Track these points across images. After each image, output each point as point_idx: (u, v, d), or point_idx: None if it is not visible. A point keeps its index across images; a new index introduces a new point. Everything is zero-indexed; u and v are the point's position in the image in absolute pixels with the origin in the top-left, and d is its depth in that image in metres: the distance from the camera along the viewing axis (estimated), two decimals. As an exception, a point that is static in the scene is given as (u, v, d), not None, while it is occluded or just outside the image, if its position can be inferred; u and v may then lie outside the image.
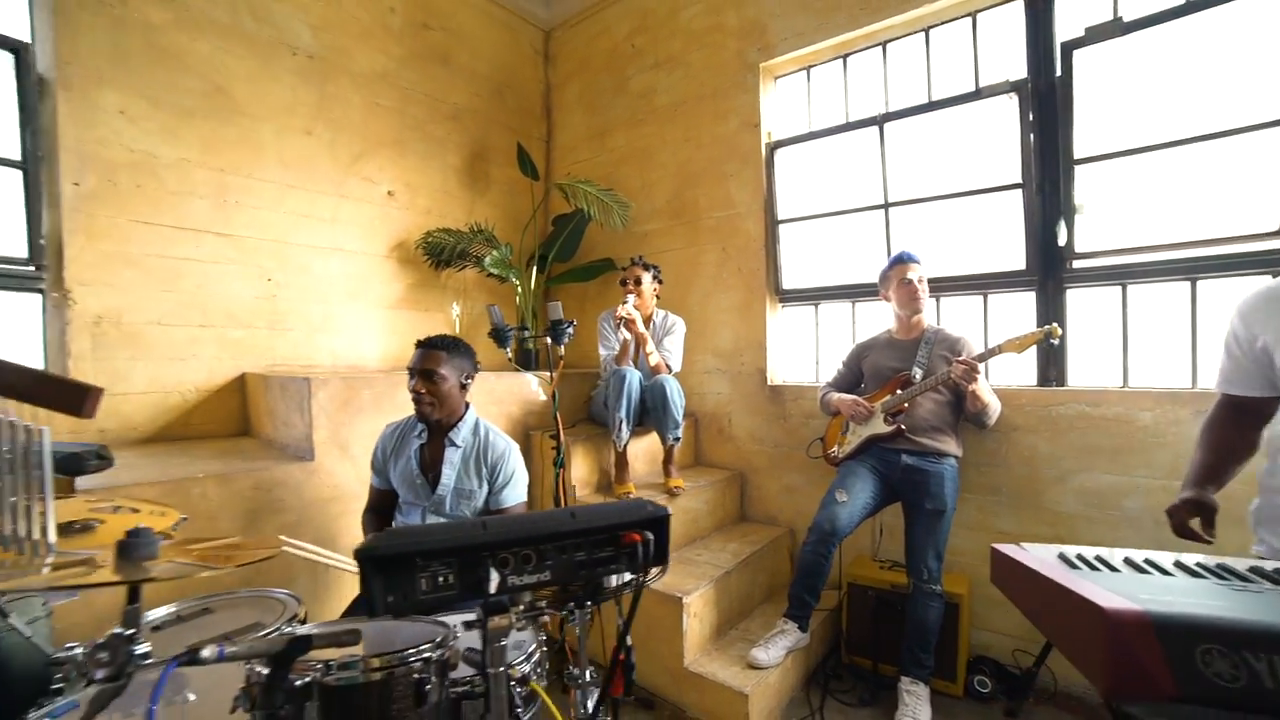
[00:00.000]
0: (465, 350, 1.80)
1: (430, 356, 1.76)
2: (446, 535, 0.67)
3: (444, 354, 1.76)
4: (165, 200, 2.63)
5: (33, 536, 0.74)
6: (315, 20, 3.12)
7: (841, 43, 3.00)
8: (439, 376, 1.75)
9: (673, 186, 3.61)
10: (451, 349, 1.78)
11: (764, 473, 3.30)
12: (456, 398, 1.77)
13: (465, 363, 1.79)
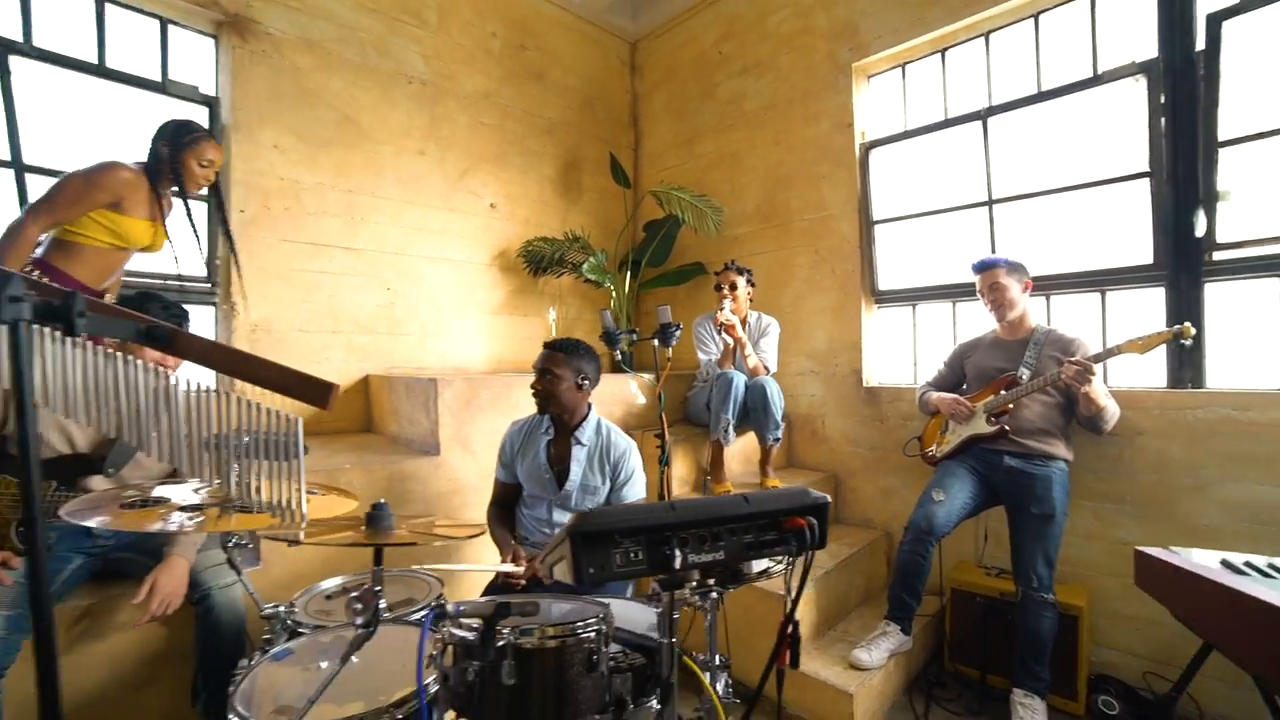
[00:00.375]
0: (585, 354, 1.92)
1: (549, 357, 1.91)
2: (642, 515, 0.76)
3: (561, 355, 1.90)
4: (305, 221, 2.94)
5: (291, 505, 0.90)
6: (427, 50, 3.38)
7: (940, 37, 2.93)
8: (553, 376, 1.89)
9: (763, 190, 3.64)
10: (570, 352, 1.92)
11: (859, 475, 3.26)
12: (572, 397, 1.89)
13: (584, 365, 1.91)
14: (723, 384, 2.74)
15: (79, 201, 1.90)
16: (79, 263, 1.95)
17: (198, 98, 2.63)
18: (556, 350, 1.91)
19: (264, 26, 2.84)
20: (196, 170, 2.08)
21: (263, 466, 0.91)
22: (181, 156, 2.05)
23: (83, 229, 1.94)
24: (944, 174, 3.01)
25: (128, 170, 1.97)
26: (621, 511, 0.76)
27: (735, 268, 3.00)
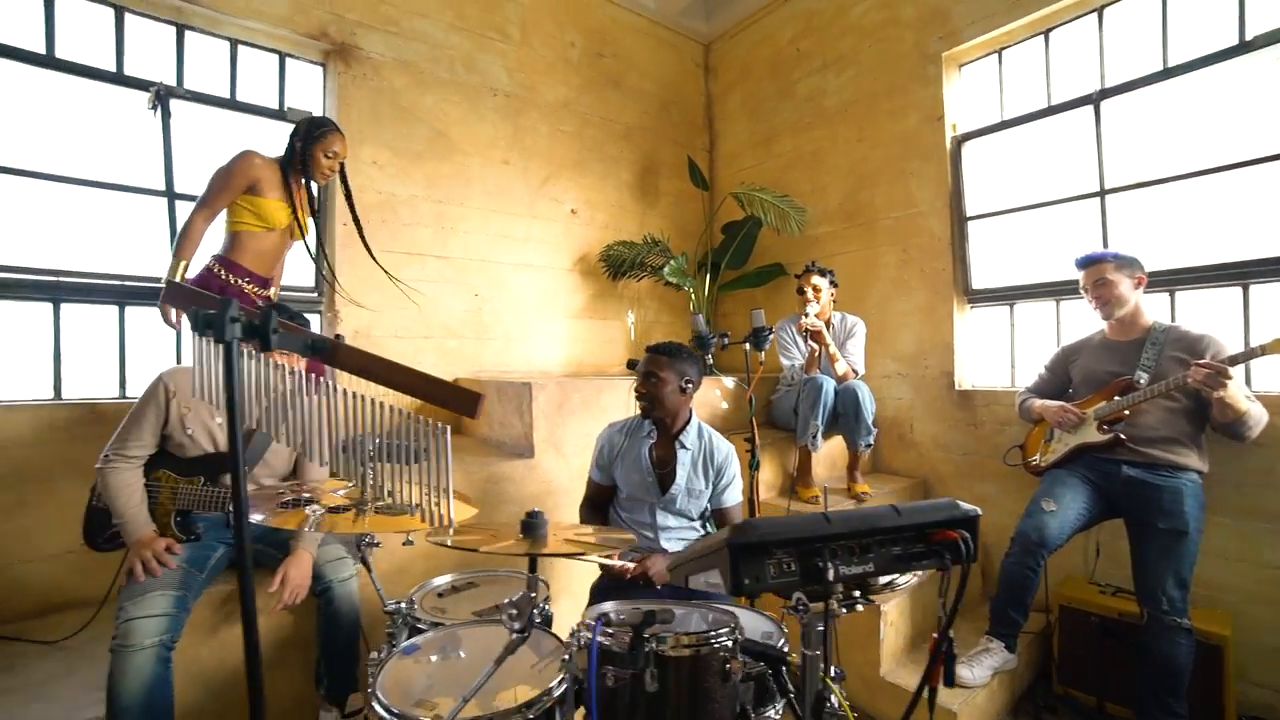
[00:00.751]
0: (687, 357, 1.92)
1: (653, 360, 1.91)
2: (798, 527, 0.75)
3: (665, 358, 1.89)
4: (400, 232, 3.10)
5: (441, 511, 0.95)
6: (511, 63, 3.50)
7: (1043, 18, 2.76)
8: (658, 379, 1.88)
9: (845, 188, 3.54)
10: (674, 355, 1.91)
11: (951, 482, 3.12)
12: (675, 400, 1.89)
13: (687, 368, 1.90)
14: (811, 389, 2.68)
15: (224, 190, 2.14)
16: (243, 251, 2.21)
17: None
18: (660, 353, 1.91)
19: (365, 52, 3.01)
20: (323, 161, 2.29)
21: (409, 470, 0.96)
22: (311, 149, 2.27)
23: (236, 217, 2.20)
24: (1047, 164, 2.84)
25: (259, 157, 2.20)
26: (777, 524, 0.75)
27: (817, 269, 2.93)
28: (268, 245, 2.27)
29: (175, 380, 1.82)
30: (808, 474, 2.81)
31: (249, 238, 2.21)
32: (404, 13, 3.15)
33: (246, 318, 0.77)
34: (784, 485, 2.93)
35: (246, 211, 2.20)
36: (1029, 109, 2.86)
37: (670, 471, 1.91)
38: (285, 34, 2.82)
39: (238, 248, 2.21)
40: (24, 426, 2.24)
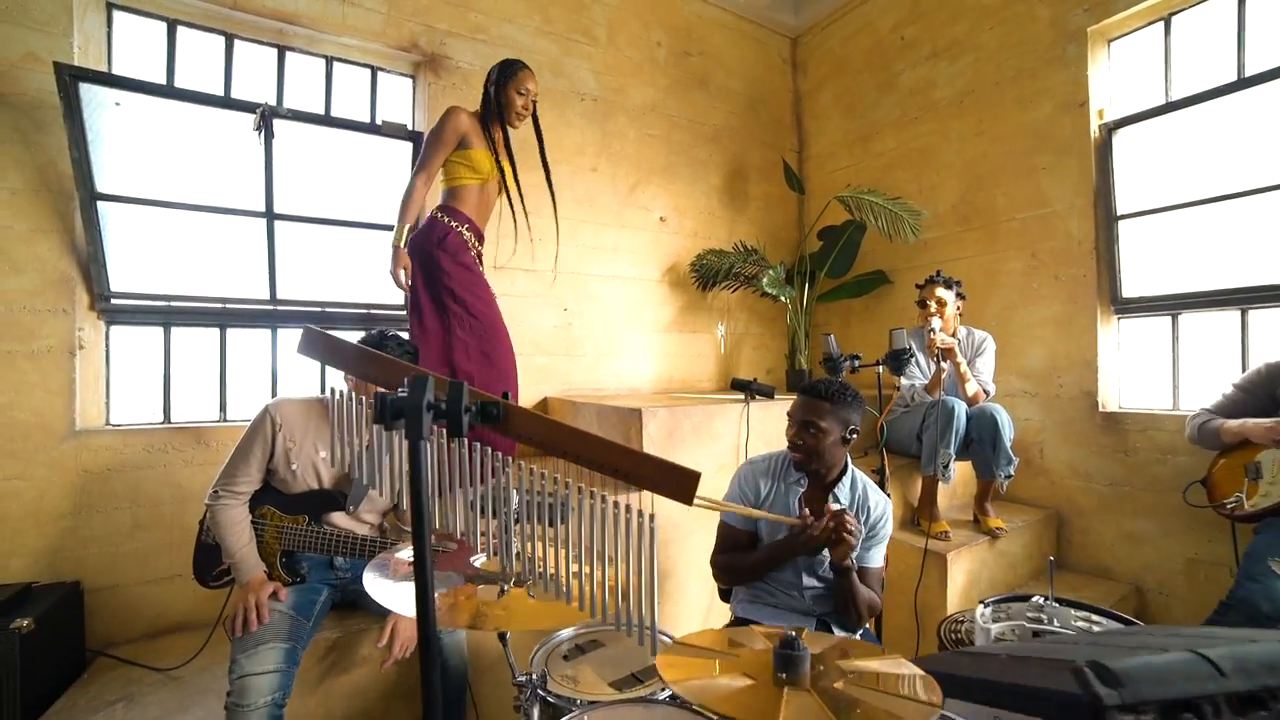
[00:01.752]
0: (852, 400, 1.63)
1: (811, 406, 1.60)
2: (1175, 674, 0.53)
3: (828, 405, 1.58)
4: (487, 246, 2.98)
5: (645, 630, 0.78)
6: (597, 65, 3.35)
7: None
8: (819, 430, 1.58)
9: (959, 188, 3.22)
10: (837, 399, 1.59)
11: (1092, 515, 2.77)
12: (837, 452, 1.64)
13: (852, 415, 1.63)
14: (943, 414, 2.40)
15: (438, 149, 2.21)
16: (463, 203, 2.28)
17: (405, 135, 2.75)
18: (820, 398, 1.59)
19: (454, 61, 2.93)
20: (516, 100, 2.30)
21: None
22: (505, 90, 2.29)
23: (451, 173, 2.28)
24: (1232, 148, 2.44)
25: (464, 111, 2.26)
26: (1155, 669, 0.54)
27: (942, 280, 2.64)
28: (482, 198, 2.34)
29: (282, 412, 1.74)
30: (933, 505, 2.53)
31: (465, 191, 2.28)
32: (492, 19, 3.06)
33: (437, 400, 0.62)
34: (905, 517, 2.66)
35: (460, 166, 2.26)
36: (1208, 84, 2.46)
37: None
38: (378, 48, 2.76)
39: (459, 200, 2.28)
40: (139, 450, 2.24)
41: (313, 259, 2.68)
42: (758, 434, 2.51)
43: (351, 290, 2.78)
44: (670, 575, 2.26)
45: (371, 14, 2.73)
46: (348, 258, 2.76)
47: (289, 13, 2.55)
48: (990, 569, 2.47)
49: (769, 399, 2.70)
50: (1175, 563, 2.53)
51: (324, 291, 2.71)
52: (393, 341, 1.79)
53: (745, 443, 2.46)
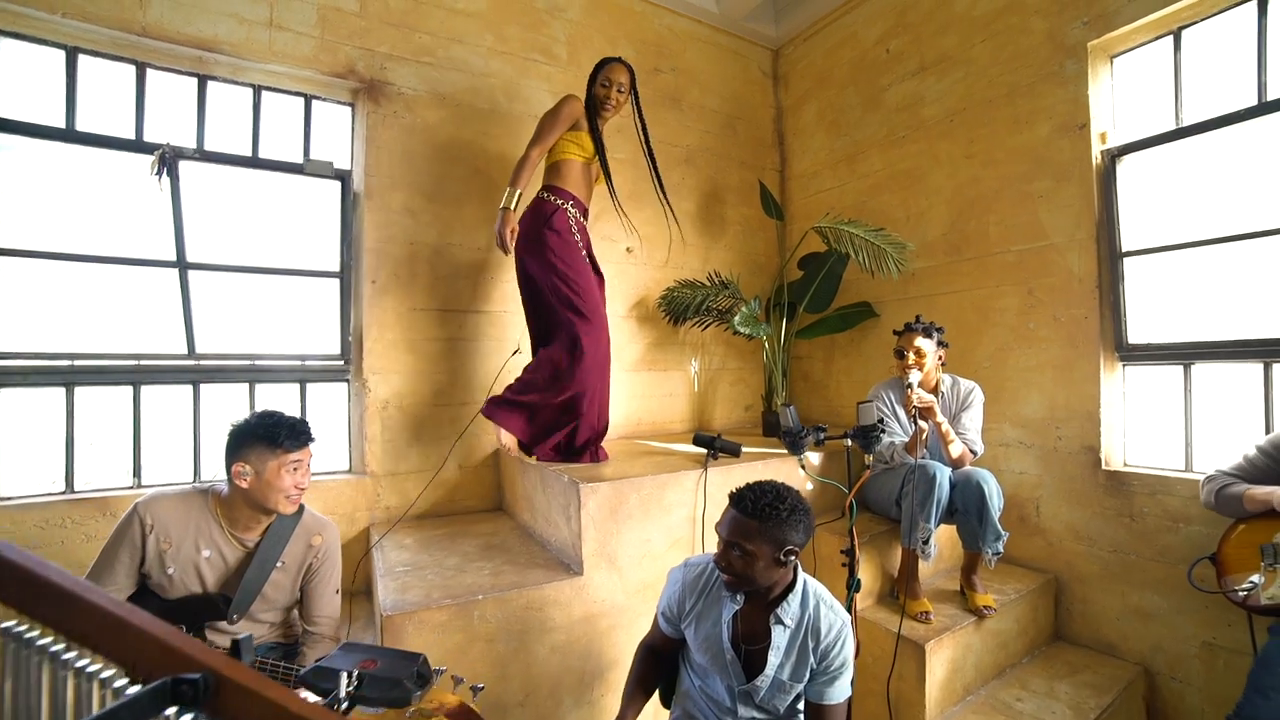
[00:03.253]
0: (788, 517, 1.33)
1: (739, 525, 1.33)
2: None
3: (755, 524, 1.31)
4: (435, 286, 2.77)
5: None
6: (558, 86, 3.12)
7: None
8: (746, 553, 1.32)
9: (949, 215, 2.95)
10: (768, 518, 1.31)
11: (1093, 583, 2.49)
12: (774, 574, 1.37)
13: (787, 533, 1.33)
14: (922, 482, 2.14)
15: (554, 127, 2.41)
16: (566, 178, 2.48)
17: (331, 174, 2.54)
18: (749, 516, 1.32)
19: (397, 87, 2.71)
20: (600, 92, 2.51)
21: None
22: (593, 85, 2.53)
23: (563, 150, 2.48)
24: (1253, 183, 2.16)
25: (578, 100, 2.48)
26: None
27: (920, 327, 2.37)
28: (585, 175, 2.53)
29: (153, 512, 1.53)
30: (915, 580, 2.27)
31: (570, 166, 2.48)
32: (439, 40, 2.83)
33: None
34: (883, 589, 2.40)
35: (570, 144, 2.47)
36: (1224, 107, 2.17)
37: (760, 651, 1.40)
38: (310, 74, 2.55)
39: (561, 175, 2.48)
40: (30, 527, 2.04)
41: (241, 309, 2.48)
42: (718, 502, 2.27)
43: (287, 341, 2.57)
44: (615, 665, 2.03)
45: (302, 38, 2.51)
46: (281, 306, 2.55)
47: (207, 39, 2.34)
48: (977, 653, 2.21)
49: (734, 457, 2.46)
50: (1189, 645, 2.25)
51: (255, 344, 2.51)
52: (283, 427, 1.57)
53: (703, 514, 2.21)
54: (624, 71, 2.51)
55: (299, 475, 1.58)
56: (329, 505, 2.47)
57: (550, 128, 2.41)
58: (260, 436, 1.54)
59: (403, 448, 2.69)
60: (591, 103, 2.52)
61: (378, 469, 2.63)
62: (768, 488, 1.38)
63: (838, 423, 3.57)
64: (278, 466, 1.54)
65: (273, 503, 1.56)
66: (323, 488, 2.48)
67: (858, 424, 1.77)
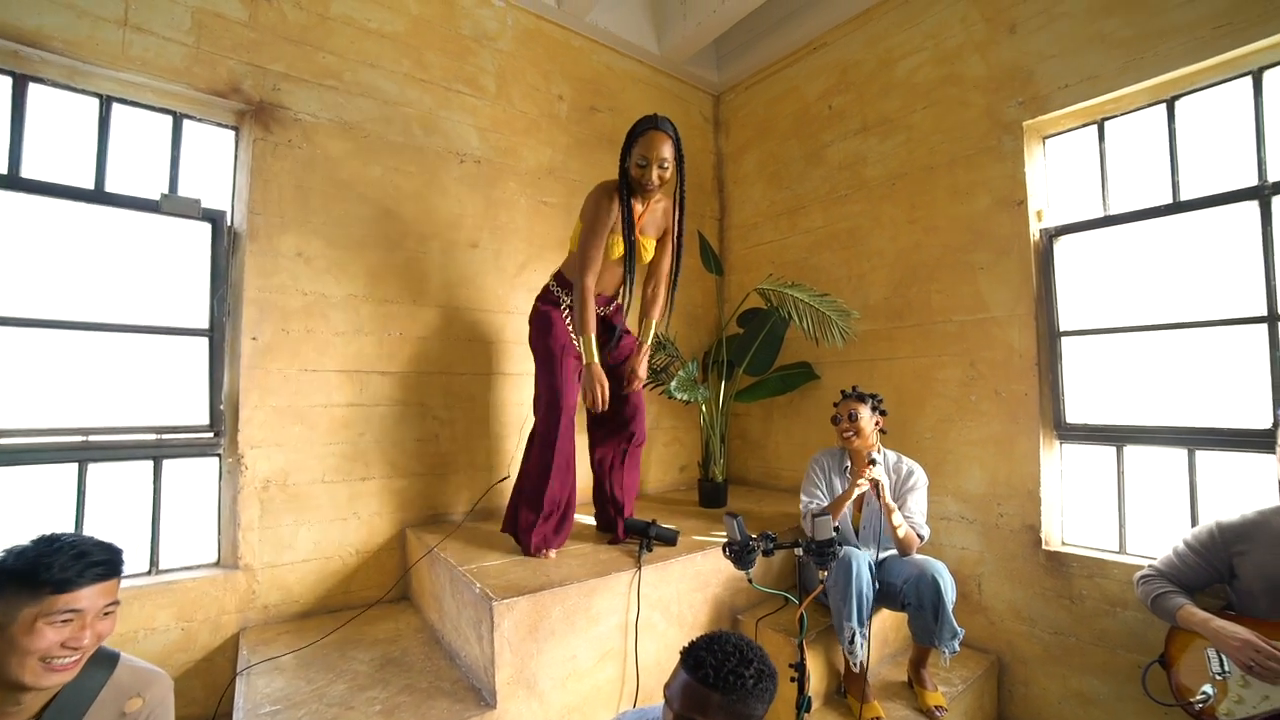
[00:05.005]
0: (759, 687, 1.09)
1: (696, 698, 1.07)
2: None
3: (719, 698, 1.06)
4: (332, 344, 2.40)
5: None
6: (483, 122, 2.84)
7: (1171, 81, 2.14)
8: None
9: (891, 279, 2.89)
10: (732, 689, 1.06)
11: (1035, 665, 2.43)
12: None
13: (756, 708, 1.10)
14: (840, 573, 1.97)
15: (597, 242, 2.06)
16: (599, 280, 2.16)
17: (197, 214, 2.12)
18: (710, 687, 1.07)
19: (293, 112, 2.34)
20: (635, 173, 2.04)
21: None
22: (625, 157, 2.07)
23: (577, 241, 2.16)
24: (1177, 275, 2.20)
25: (607, 196, 2.07)
26: None
27: (857, 395, 2.26)
28: (614, 274, 2.22)
29: None
30: (861, 680, 2.10)
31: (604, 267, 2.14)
32: (347, 62, 2.49)
33: None
34: (829, 687, 2.22)
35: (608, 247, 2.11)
36: (1145, 201, 2.22)
37: None
38: (180, 89, 2.14)
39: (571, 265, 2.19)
40: None
41: (70, 373, 2.01)
42: (654, 603, 2.02)
43: (137, 411, 2.10)
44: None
45: (170, 45, 2.11)
46: (128, 369, 2.09)
47: (29, 32, 1.88)
48: (929, 756, 2.06)
49: (670, 545, 2.22)
50: (1128, 730, 2.21)
51: (92, 415, 2.03)
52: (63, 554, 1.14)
53: (635, 619, 1.95)
54: (667, 143, 1.99)
55: (71, 631, 1.09)
56: (185, 610, 2.02)
57: (593, 244, 2.05)
58: (12, 573, 1.07)
59: (287, 535, 2.27)
60: (625, 181, 2.06)
61: (254, 561, 2.19)
62: (729, 648, 1.14)
63: (775, 484, 3.43)
64: (33, 617, 1.05)
65: (14, 672, 1.05)
66: (179, 589, 2.02)
67: (813, 539, 1.58)
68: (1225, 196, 2.04)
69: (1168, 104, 2.19)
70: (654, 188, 2.03)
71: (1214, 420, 2.10)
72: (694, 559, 2.16)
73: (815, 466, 2.38)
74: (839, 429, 2.26)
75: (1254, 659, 1.57)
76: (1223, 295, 2.09)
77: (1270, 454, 1.98)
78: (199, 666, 2.06)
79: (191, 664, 2.04)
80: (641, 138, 1.99)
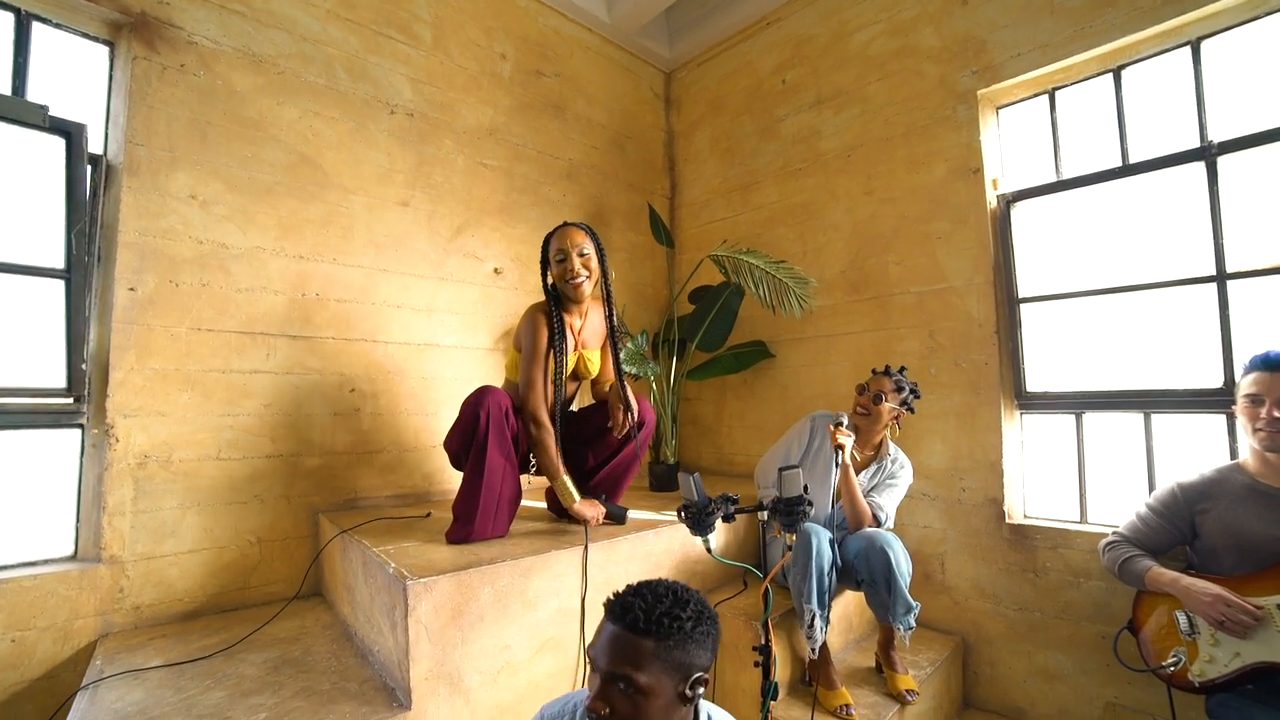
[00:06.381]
0: (698, 630, 0.94)
1: (625, 649, 0.90)
2: None
3: (651, 645, 0.90)
4: (233, 300, 2.08)
5: None
6: (418, 73, 2.60)
7: (1116, 50, 2.15)
8: (639, 690, 0.88)
9: (848, 252, 2.81)
10: (668, 634, 0.90)
11: (1000, 644, 2.33)
12: (673, 715, 0.93)
13: (698, 655, 0.93)
14: (799, 547, 1.82)
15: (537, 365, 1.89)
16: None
17: (40, 122, 1.75)
18: (639, 633, 0.90)
19: (186, 34, 2.03)
20: (555, 271, 1.94)
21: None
22: (548, 267, 1.98)
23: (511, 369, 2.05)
24: (1128, 239, 2.19)
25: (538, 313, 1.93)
26: None
27: (896, 382, 2.09)
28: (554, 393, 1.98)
29: None
30: (828, 666, 1.93)
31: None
32: (259, -11, 2.21)
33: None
34: (794, 675, 2.03)
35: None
36: (1102, 161, 2.21)
37: None
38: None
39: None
40: None
41: None
42: (600, 585, 1.79)
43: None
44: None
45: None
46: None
47: None
48: (901, 743, 1.91)
49: (618, 524, 2.00)
50: (1094, 707, 2.13)
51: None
52: None
53: (583, 601, 1.72)
54: (580, 233, 1.93)
55: None
56: (17, 618, 1.64)
57: (535, 365, 1.88)
58: None
59: (170, 520, 1.92)
60: (554, 297, 1.95)
61: (124, 552, 1.83)
62: (661, 589, 0.96)
63: (730, 471, 3.27)
64: None
65: None
66: (9, 590, 1.63)
67: (780, 495, 1.40)
68: (1173, 158, 2.05)
69: (1114, 73, 2.20)
70: (581, 280, 1.90)
71: (1168, 382, 2.08)
72: (644, 537, 1.94)
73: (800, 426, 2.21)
74: (856, 400, 2.11)
75: (1225, 614, 1.50)
76: (1174, 257, 2.08)
77: (1220, 413, 1.97)
78: (36, 687, 1.66)
79: (24, 685, 1.64)
80: (554, 237, 1.95)
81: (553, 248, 1.93)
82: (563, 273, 1.90)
